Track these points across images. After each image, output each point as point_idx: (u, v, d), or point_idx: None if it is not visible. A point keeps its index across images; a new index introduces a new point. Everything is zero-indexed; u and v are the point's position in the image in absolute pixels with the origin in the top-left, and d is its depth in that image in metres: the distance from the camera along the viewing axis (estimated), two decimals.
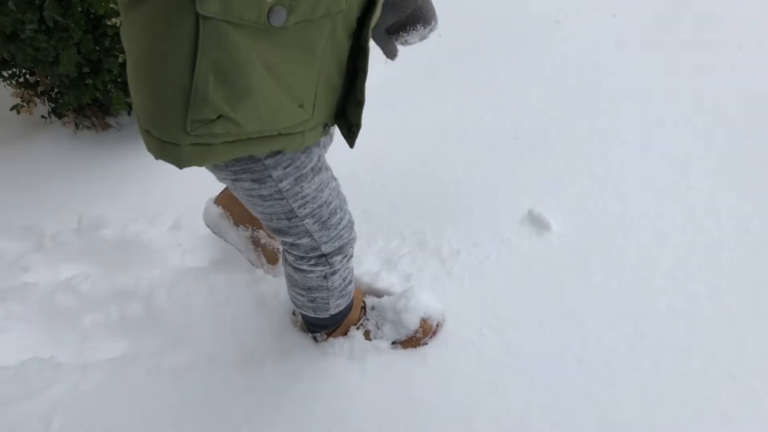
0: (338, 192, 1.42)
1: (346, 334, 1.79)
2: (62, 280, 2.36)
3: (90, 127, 3.30)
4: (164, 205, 2.63)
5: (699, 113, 2.28)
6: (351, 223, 1.48)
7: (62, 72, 2.70)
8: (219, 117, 1.01)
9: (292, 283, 1.60)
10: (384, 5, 1.14)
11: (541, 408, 1.50)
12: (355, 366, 1.73)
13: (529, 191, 2.09)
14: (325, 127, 1.22)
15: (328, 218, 1.38)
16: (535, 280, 1.77)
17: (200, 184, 2.65)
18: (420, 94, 2.89)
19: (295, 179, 1.26)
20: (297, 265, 1.49)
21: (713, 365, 1.46)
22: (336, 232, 1.42)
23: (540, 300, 1.71)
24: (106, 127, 3.30)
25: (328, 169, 1.37)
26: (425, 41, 1.26)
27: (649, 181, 2.00)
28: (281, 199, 1.29)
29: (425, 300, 1.76)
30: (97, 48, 2.72)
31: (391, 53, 1.25)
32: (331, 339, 1.80)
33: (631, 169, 2.08)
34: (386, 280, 1.92)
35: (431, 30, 1.23)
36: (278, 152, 1.20)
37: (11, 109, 3.28)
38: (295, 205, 1.31)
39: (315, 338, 1.82)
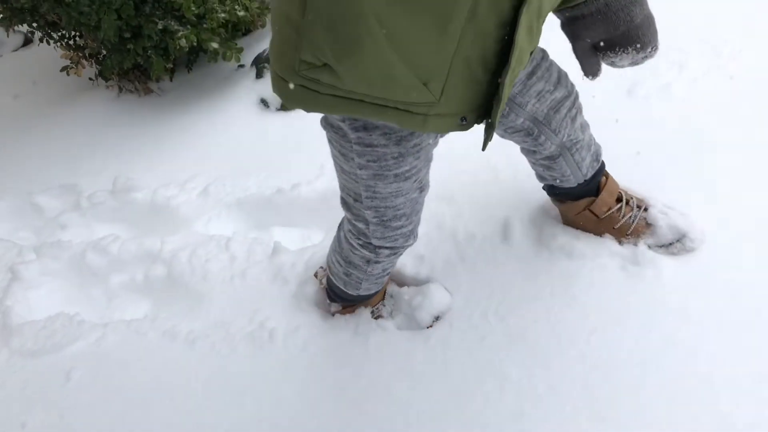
0: (415, 204, 1.38)
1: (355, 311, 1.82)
2: (94, 240, 2.44)
3: (133, 91, 3.37)
4: (196, 172, 2.69)
5: None
6: (412, 234, 1.47)
7: (104, 36, 2.76)
8: (324, 65, 0.98)
9: (336, 250, 1.61)
10: (593, 16, 1.05)
11: (537, 396, 1.49)
12: (359, 342, 1.75)
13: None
14: (462, 122, 1.10)
15: (390, 220, 1.36)
16: (546, 271, 1.74)
17: (232, 154, 2.71)
18: None
19: (374, 175, 1.23)
20: (348, 237, 1.50)
21: (719, 368, 1.42)
22: (391, 234, 1.41)
23: (549, 290, 1.68)
24: (148, 92, 3.37)
25: (418, 181, 1.31)
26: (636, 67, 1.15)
27: None
28: (355, 182, 1.27)
29: (440, 298, 1.75)
30: (138, 14, 2.76)
31: (591, 71, 1.15)
32: (339, 315, 1.83)
33: None
34: (405, 264, 1.91)
35: (647, 57, 1.11)
36: (368, 145, 1.16)
37: (61, 71, 3.38)
38: (364, 193, 1.29)
39: (329, 304, 1.85)
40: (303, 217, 2.31)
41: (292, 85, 1.05)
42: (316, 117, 2.77)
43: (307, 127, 2.70)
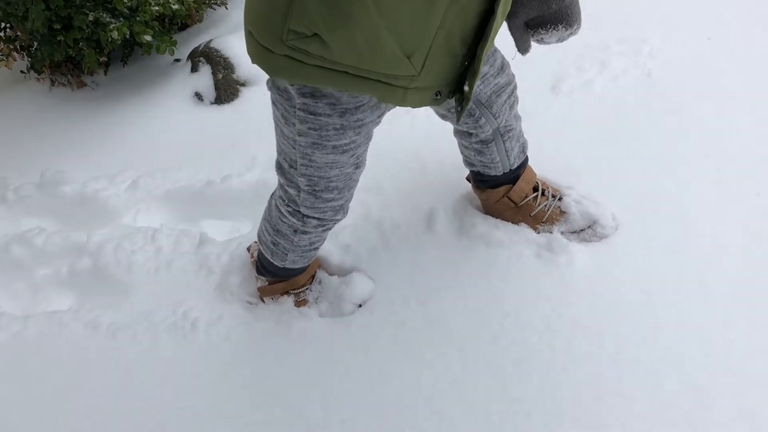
0: (349, 179, 1.39)
1: (286, 293, 1.80)
2: (19, 233, 2.39)
3: (65, 85, 3.30)
4: (127, 165, 2.66)
5: None
6: (342, 209, 1.47)
7: (32, 27, 2.71)
8: (314, 35, 0.98)
9: (266, 218, 1.61)
10: None
11: (452, 380, 1.51)
12: (282, 330, 1.75)
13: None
14: (437, 96, 1.16)
15: (322, 191, 1.37)
16: (466, 258, 1.77)
17: (164, 147, 2.69)
18: None
19: (313, 143, 1.24)
20: (278, 204, 1.50)
21: (623, 349, 1.47)
22: (321, 205, 1.41)
23: (468, 277, 1.72)
24: (82, 85, 3.30)
25: (355, 156, 1.33)
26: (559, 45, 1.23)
27: None
28: (293, 147, 1.28)
29: (363, 286, 1.77)
30: (67, 4, 2.72)
31: (523, 48, 1.22)
32: (262, 305, 1.83)
33: None
34: (332, 253, 1.92)
35: (572, 33, 1.20)
36: (311, 113, 1.18)
37: None
38: (300, 160, 1.29)
39: (256, 278, 1.84)
40: (233, 210, 2.30)
41: (277, 56, 1.05)
42: (250, 109, 2.76)
43: (240, 120, 2.70)
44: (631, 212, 1.74)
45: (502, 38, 1.24)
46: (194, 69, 3.01)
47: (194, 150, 2.61)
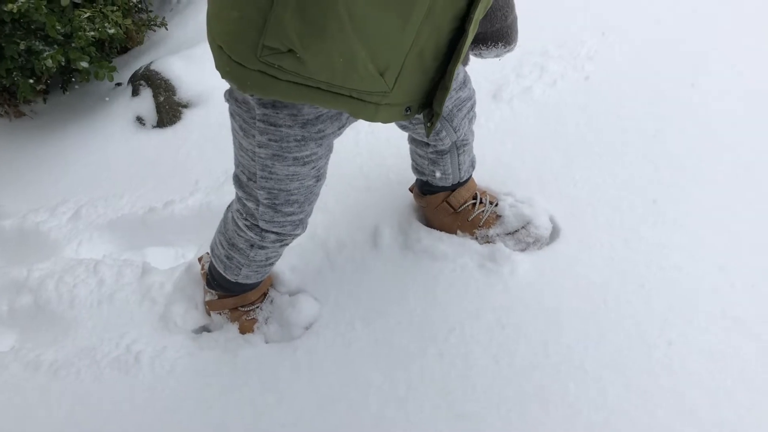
0: (309, 193, 1.37)
1: (234, 309, 1.76)
2: None
3: (2, 115, 3.22)
4: (68, 194, 2.60)
5: None
6: (302, 224, 1.44)
7: None
8: (289, 51, 0.98)
9: (221, 231, 1.57)
10: None
11: (398, 400, 1.49)
12: (227, 359, 1.71)
13: None
14: (407, 112, 1.16)
15: (282, 205, 1.34)
16: (411, 273, 1.76)
17: (105, 174, 2.63)
18: None
19: (274, 155, 1.22)
20: (235, 217, 1.46)
21: (568, 358, 1.46)
22: (281, 219, 1.38)
23: (413, 292, 1.70)
24: (20, 115, 3.23)
25: (316, 169, 1.32)
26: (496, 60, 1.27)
27: None
28: (252, 160, 1.26)
29: (309, 309, 1.74)
30: None
31: (464, 60, 1.22)
32: (215, 310, 1.80)
33: None
34: (283, 271, 1.89)
35: (508, 51, 1.24)
36: (272, 124, 1.17)
37: None
38: (260, 173, 1.27)
39: (205, 292, 1.80)
40: (176, 236, 2.25)
41: (251, 72, 1.03)
42: (193, 132, 2.71)
43: (182, 143, 2.66)
44: (572, 218, 1.75)
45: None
46: (135, 93, 2.95)
47: (136, 176, 2.56)
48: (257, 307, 1.76)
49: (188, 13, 3.53)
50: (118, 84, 3.15)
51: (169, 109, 2.81)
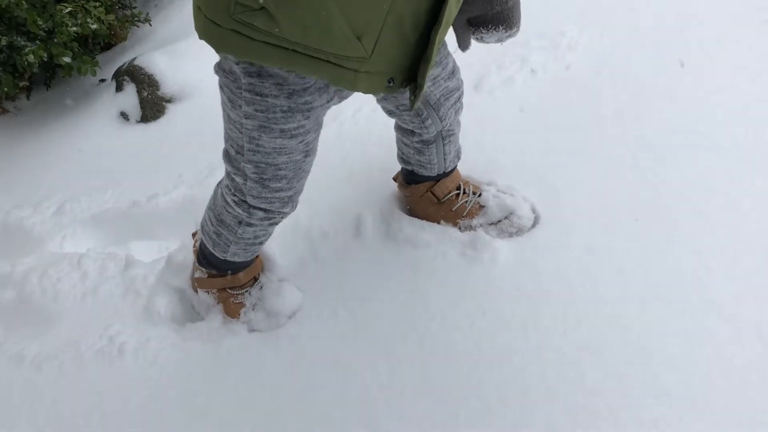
0: (298, 169, 1.34)
1: (223, 290, 1.73)
2: None
3: None
4: (52, 189, 2.59)
5: None
6: (291, 201, 1.41)
7: None
8: (262, 8, 0.97)
9: (210, 207, 1.55)
10: None
11: (380, 386, 1.50)
12: (210, 349, 1.71)
13: None
14: (390, 83, 1.15)
15: (269, 180, 1.31)
16: (393, 262, 1.77)
17: (89, 169, 2.63)
18: None
19: (260, 126, 1.21)
20: (224, 193, 1.44)
21: (547, 342, 1.48)
22: (268, 195, 1.35)
23: (395, 280, 1.71)
24: (4, 111, 3.22)
25: (304, 143, 1.29)
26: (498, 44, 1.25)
27: None
28: (240, 132, 1.24)
29: (292, 298, 1.73)
30: None
31: (464, 45, 1.23)
32: (203, 288, 1.77)
33: None
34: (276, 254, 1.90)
35: (510, 36, 1.22)
36: (258, 94, 1.16)
37: None
38: (247, 145, 1.25)
39: (196, 269, 1.77)
40: (160, 229, 2.26)
41: (225, 31, 1.03)
42: (177, 126, 2.72)
43: (166, 138, 2.66)
44: (552, 206, 1.77)
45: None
46: (119, 88, 2.95)
47: (120, 170, 2.56)
48: (246, 291, 1.74)
49: (172, 9, 3.53)
50: (102, 80, 3.14)
51: (153, 104, 2.82)
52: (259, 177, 1.31)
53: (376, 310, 1.67)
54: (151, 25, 3.45)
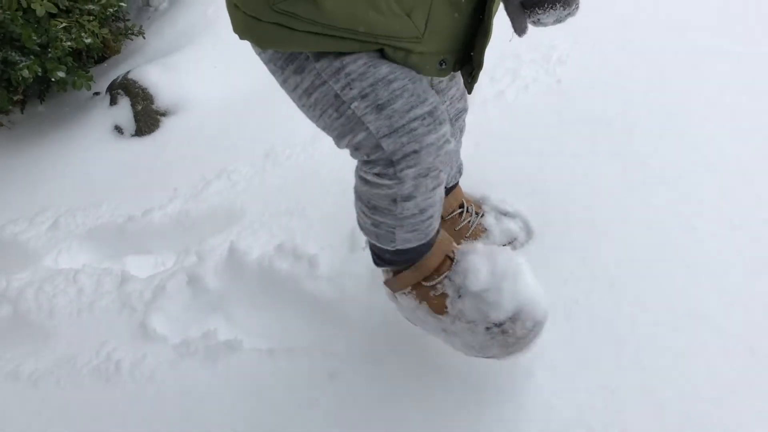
0: (408, 74, 1.07)
1: (418, 285, 1.35)
2: None
3: None
4: (47, 204, 2.60)
5: None
6: (433, 118, 1.07)
7: None
8: None
9: (357, 197, 1.29)
10: None
11: (380, 399, 1.52)
12: (207, 366, 1.73)
13: None
14: (442, 65, 1.05)
15: (388, 101, 1.04)
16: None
17: (84, 184, 2.64)
18: None
19: (336, 55, 1.03)
20: (363, 173, 1.19)
21: (541, 357, 1.49)
22: (402, 121, 1.05)
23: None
24: None
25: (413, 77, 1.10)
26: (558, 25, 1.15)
27: None
28: (322, 85, 1.06)
29: (532, 286, 1.30)
30: None
31: (520, 29, 1.10)
32: (397, 290, 1.39)
33: None
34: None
35: (570, 14, 1.10)
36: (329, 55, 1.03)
37: None
38: (337, 87, 1.05)
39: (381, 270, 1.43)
40: (156, 243, 2.27)
41: (266, 25, 0.97)
42: (171, 139, 2.73)
43: (161, 151, 2.67)
44: (544, 220, 1.78)
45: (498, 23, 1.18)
46: (113, 102, 2.96)
47: (115, 185, 2.57)
48: (444, 277, 1.32)
49: (165, 22, 3.54)
50: (96, 93, 3.15)
51: (147, 118, 2.83)
52: (375, 106, 1.05)
53: (375, 324, 1.68)
54: (144, 37, 3.47)
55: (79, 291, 2.08)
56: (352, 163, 2.19)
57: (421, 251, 1.30)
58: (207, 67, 2.97)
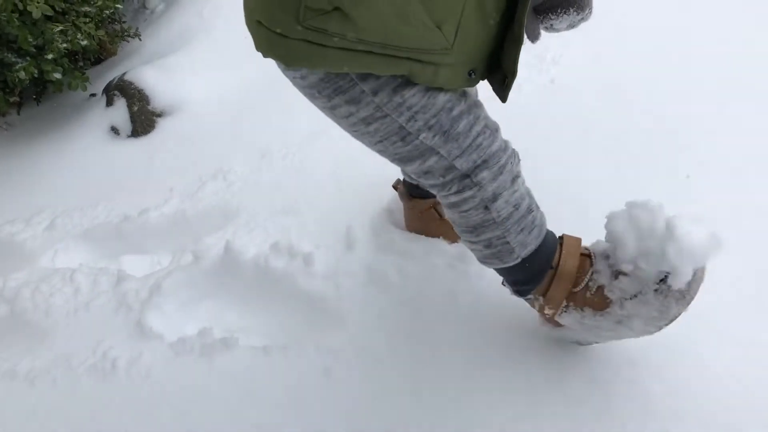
0: (461, 97, 1.13)
1: (571, 296, 1.30)
2: None
3: None
4: (43, 205, 2.61)
5: None
6: (490, 130, 1.18)
7: None
8: (335, 9, 0.89)
9: (459, 231, 1.30)
10: None
11: (372, 397, 1.54)
12: (203, 364, 1.73)
13: None
14: (471, 75, 1.05)
15: (451, 127, 1.11)
16: (383, 273, 1.79)
17: (80, 184, 2.65)
18: None
19: (393, 89, 1.05)
20: (446, 200, 1.23)
21: (532, 351, 1.51)
22: (468, 141, 1.13)
23: (386, 293, 1.74)
24: None
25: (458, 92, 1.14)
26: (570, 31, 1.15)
27: None
28: (383, 117, 1.09)
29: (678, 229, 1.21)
30: None
31: (533, 35, 1.12)
32: (556, 309, 1.33)
33: None
34: None
35: (583, 19, 1.10)
36: (373, 77, 1.04)
37: None
38: (402, 120, 1.09)
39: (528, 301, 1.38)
40: (152, 243, 2.28)
41: (294, 42, 0.94)
42: (167, 140, 2.74)
43: (157, 152, 2.69)
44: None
45: None
46: (109, 103, 2.97)
47: (111, 185, 2.58)
48: (591, 272, 1.30)
49: (161, 24, 3.56)
50: (93, 95, 3.17)
51: (143, 119, 2.84)
52: (442, 133, 1.11)
53: (371, 321, 1.69)
54: (140, 39, 3.48)
55: (76, 290, 2.09)
56: (347, 164, 2.22)
57: (548, 253, 1.29)
58: (203, 68, 2.99)
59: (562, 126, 2.08)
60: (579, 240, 1.34)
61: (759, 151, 1.84)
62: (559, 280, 1.28)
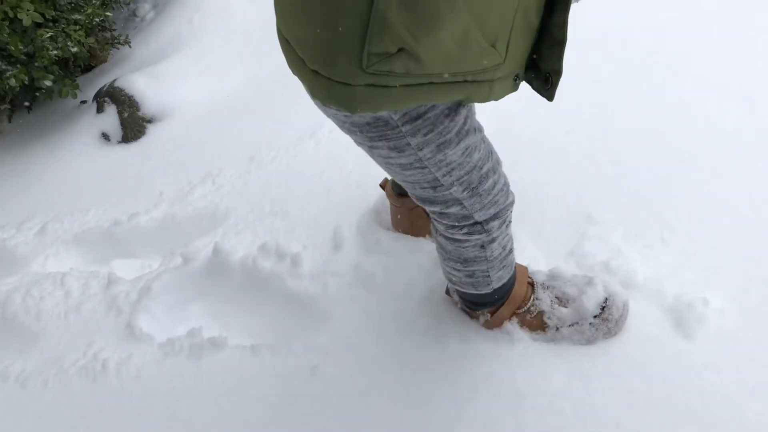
0: (490, 154, 1.22)
1: (512, 316, 1.56)
2: None
3: None
4: (34, 210, 2.63)
5: None
6: (506, 186, 1.29)
7: None
8: (399, 50, 0.87)
9: (445, 257, 1.41)
10: None
11: (361, 393, 1.56)
12: (192, 364, 1.76)
13: None
14: (516, 80, 1.06)
15: (479, 184, 1.20)
16: (370, 272, 1.82)
17: (71, 190, 2.67)
18: None
19: (438, 146, 1.09)
20: (449, 234, 1.32)
21: (515, 346, 1.54)
22: (490, 198, 1.24)
23: (372, 290, 1.77)
24: None
25: (478, 130, 1.18)
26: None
27: None
28: (422, 168, 1.14)
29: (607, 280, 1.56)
30: None
31: None
32: (497, 327, 1.58)
33: None
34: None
35: None
36: (417, 117, 1.04)
37: None
38: (438, 174, 1.15)
39: (475, 317, 1.61)
40: (142, 247, 2.30)
41: (358, 88, 0.92)
42: (157, 145, 2.76)
43: (147, 157, 2.71)
44: (519, 219, 1.81)
45: None
46: (100, 109, 3.00)
47: (101, 190, 2.60)
48: (534, 299, 1.55)
49: (151, 31, 3.58)
50: (83, 101, 3.19)
51: (133, 125, 2.87)
52: (470, 189, 1.20)
53: (359, 321, 1.72)
54: (130, 46, 3.51)
55: (67, 293, 2.11)
56: (335, 166, 2.25)
57: (511, 284, 1.49)
58: (192, 74, 3.02)
59: (545, 127, 2.11)
60: (526, 268, 1.57)
61: (743, 151, 1.87)
62: (509, 304, 1.52)
